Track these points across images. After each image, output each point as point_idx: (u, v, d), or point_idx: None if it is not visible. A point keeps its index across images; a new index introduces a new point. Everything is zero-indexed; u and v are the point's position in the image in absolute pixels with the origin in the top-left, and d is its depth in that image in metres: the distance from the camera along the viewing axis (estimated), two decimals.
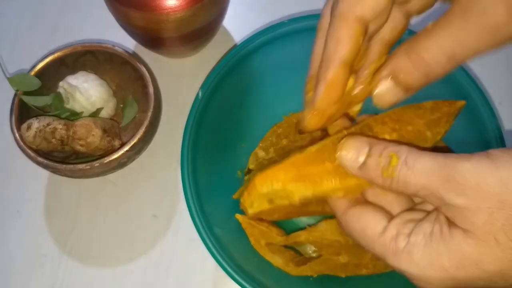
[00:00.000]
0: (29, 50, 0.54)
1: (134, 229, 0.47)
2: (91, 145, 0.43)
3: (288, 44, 0.44)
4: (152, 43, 0.49)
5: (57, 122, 0.43)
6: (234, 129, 0.44)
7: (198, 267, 0.45)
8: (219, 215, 0.39)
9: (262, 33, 0.43)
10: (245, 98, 0.44)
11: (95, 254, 0.46)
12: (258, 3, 0.56)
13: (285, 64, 0.45)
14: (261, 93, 0.45)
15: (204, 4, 0.43)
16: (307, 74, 0.29)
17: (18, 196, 0.48)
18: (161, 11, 0.42)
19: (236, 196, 0.42)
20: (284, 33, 0.43)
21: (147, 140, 0.44)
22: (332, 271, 0.38)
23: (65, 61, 0.47)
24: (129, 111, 0.47)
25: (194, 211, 0.38)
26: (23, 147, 0.42)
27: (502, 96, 0.50)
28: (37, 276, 0.45)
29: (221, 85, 0.42)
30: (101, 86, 0.46)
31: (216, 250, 0.37)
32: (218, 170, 0.42)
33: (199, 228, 0.37)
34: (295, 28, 0.43)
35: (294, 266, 0.39)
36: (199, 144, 0.40)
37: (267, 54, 0.44)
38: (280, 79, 0.45)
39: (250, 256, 0.39)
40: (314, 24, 0.42)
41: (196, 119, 0.40)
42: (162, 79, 0.48)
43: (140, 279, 0.45)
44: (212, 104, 0.42)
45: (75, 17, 0.56)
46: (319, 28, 0.28)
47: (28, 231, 0.47)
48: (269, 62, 0.44)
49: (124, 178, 0.48)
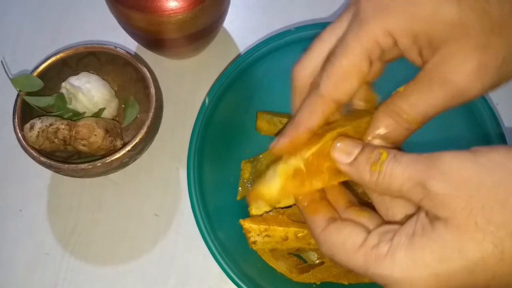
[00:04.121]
0: (32, 51, 0.55)
1: (135, 228, 0.47)
2: (93, 145, 0.43)
3: (294, 52, 0.44)
4: (154, 45, 0.49)
5: (60, 122, 0.43)
6: (239, 134, 0.45)
7: (199, 265, 0.45)
8: (224, 220, 0.40)
9: (269, 41, 0.44)
10: (251, 104, 0.45)
11: (97, 252, 0.46)
12: (259, 5, 0.57)
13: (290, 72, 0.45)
14: (267, 100, 0.45)
15: (205, 6, 0.43)
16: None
17: (20, 195, 0.49)
18: (163, 13, 0.42)
19: (239, 198, 0.43)
20: (290, 41, 0.44)
21: (149, 140, 0.45)
22: (335, 279, 0.38)
23: (68, 62, 0.47)
24: (130, 112, 0.48)
25: (199, 216, 0.38)
26: (26, 147, 0.42)
27: (499, 97, 0.50)
28: (40, 274, 0.46)
29: (228, 91, 0.43)
30: (103, 86, 0.47)
31: (220, 255, 0.37)
32: (223, 175, 0.43)
33: (204, 233, 0.38)
34: (301, 36, 0.44)
35: (298, 272, 0.39)
36: (205, 149, 0.41)
37: (273, 61, 0.44)
38: (286, 87, 0.45)
39: (254, 261, 0.40)
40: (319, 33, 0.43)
41: (203, 124, 0.41)
42: (163, 80, 0.48)
43: (141, 277, 0.45)
44: (219, 110, 0.42)
45: (78, 18, 0.57)
46: (294, 87, 0.32)
47: (31, 230, 0.47)
48: (275, 69, 0.45)
49: (125, 178, 0.49)
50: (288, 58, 0.44)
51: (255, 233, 0.35)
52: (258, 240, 0.35)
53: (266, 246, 0.36)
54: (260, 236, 0.35)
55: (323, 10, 0.55)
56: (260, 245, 0.36)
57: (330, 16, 0.54)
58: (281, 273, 0.40)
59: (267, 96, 0.45)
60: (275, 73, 0.45)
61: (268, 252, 0.40)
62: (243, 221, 0.35)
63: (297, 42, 0.44)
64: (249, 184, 0.43)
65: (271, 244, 0.36)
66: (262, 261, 0.40)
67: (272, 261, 0.40)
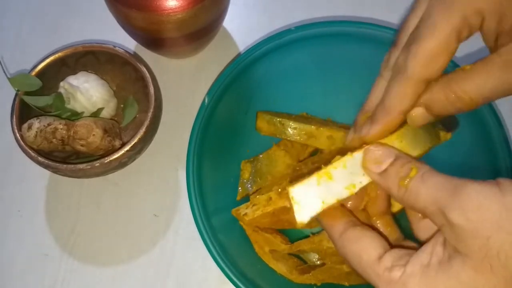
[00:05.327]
0: (30, 50, 0.54)
1: (134, 228, 0.47)
2: (92, 145, 0.43)
3: (294, 51, 0.44)
4: (153, 44, 0.49)
5: (58, 122, 0.43)
6: (239, 134, 0.44)
7: (198, 266, 0.45)
8: (223, 220, 0.39)
9: (269, 40, 0.44)
10: (251, 104, 0.45)
11: (96, 253, 0.46)
12: (259, 4, 0.56)
13: (291, 71, 0.45)
14: (267, 99, 0.45)
15: (204, 5, 0.43)
16: (362, 104, 0.33)
17: (19, 196, 0.49)
18: (162, 12, 0.42)
19: (239, 198, 0.43)
20: (290, 40, 0.44)
21: (148, 140, 0.45)
22: (335, 280, 0.38)
23: (66, 61, 0.47)
24: (129, 111, 0.48)
25: (198, 216, 0.38)
26: (24, 147, 0.42)
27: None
28: (39, 275, 0.45)
29: (228, 91, 0.42)
30: (102, 86, 0.47)
31: (219, 256, 0.37)
32: (223, 176, 0.42)
33: (203, 234, 0.38)
34: (301, 35, 0.44)
35: (298, 274, 0.39)
36: (204, 149, 0.41)
37: (273, 61, 0.44)
38: (286, 86, 0.46)
39: (253, 263, 0.40)
40: (319, 32, 0.44)
41: (202, 124, 0.41)
42: (162, 80, 0.48)
43: (140, 278, 0.45)
44: (218, 110, 0.42)
45: (76, 17, 0.57)
46: (383, 67, 0.31)
47: (29, 230, 0.47)
48: (275, 68, 0.44)
49: (124, 178, 0.48)
50: (288, 58, 0.45)
51: (243, 208, 0.37)
52: (247, 212, 0.36)
53: (256, 214, 0.36)
54: (248, 209, 0.37)
55: (323, 10, 0.55)
56: (251, 215, 0.36)
57: (330, 15, 0.54)
58: (281, 274, 0.40)
59: (267, 95, 0.45)
60: (275, 72, 0.45)
61: (268, 253, 0.40)
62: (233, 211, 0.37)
63: (297, 42, 0.44)
64: (249, 184, 0.43)
65: (260, 210, 0.36)
66: (262, 262, 0.40)
67: (272, 262, 0.40)
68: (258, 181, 0.43)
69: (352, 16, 0.54)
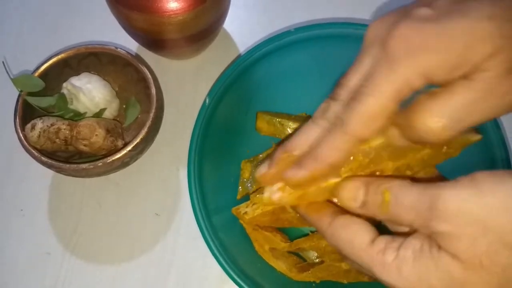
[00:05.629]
0: (33, 51, 0.55)
1: (136, 227, 0.47)
2: (95, 145, 0.43)
3: (294, 52, 0.45)
4: (154, 45, 0.50)
5: (61, 123, 0.43)
6: (239, 134, 0.45)
7: (200, 265, 0.45)
8: (224, 219, 0.40)
9: (269, 42, 0.44)
10: (251, 104, 0.45)
11: (98, 252, 0.46)
12: (259, 6, 0.57)
13: (290, 72, 0.45)
14: (267, 100, 0.46)
15: (205, 6, 0.44)
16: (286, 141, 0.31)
17: (22, 195, 0.49)
18: (163, 14, 0.43)
19: (239, 197, 0.43)
20: (290, 42, 0.44)
21: (150, 140, 0.45)
22: (334, 277, 0.39)
23: (69, 62, 0.47)
24: (131, 112, 0.48)
25: (199, 216, 0.38)
26: (27, 147, 0.42)
27: None
28: (41, 274, 0.46)
29: (228, 91, 0.43)
30: (104, 87, 0.47)
31: (220, 254, 0.37)
32: (223, 175, 0.43)
33: (204, 233, 0.38)
34: (301, 37, 0.44)
35: (297, 271, 0.39)
36: (205, 149, 0.41)
37: (273, 62, 0.44)
38: (286, 86, 0.46)
39: (254, 261, 0.40)
40: (319, 33, 0.44)
41: (203, 124, 0.41)
42: (164, 81, 0.48)
43: (142, 276, 0.45)
44: (219, 110, 0.42)
45: (78, 19, 0.57)
46: (319, 116, 0.30)
47: (32, 229, 0.48)
48: (275, 69, 0.45)
49: (126, 178, 0.49)
50: (288, 59, 0.45)
51: (244, 207, 0.37)
52: (247, 211, 0.37)
53: (256, 212, 0.36)
54: (248, 207, 0.37)
55: (323, 11, 0.55)
56: (251, 214, 0.36)
57: (330, 16, 0.55)
58: (280, 272, 0.40)
59: (267, 96, 0.46)
60: (275, 73, 0.45)
61: (268, 251, 0.40)
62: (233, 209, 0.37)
63: (297, 43, 0.44)
64: (249, 183, 0.43)
65: (260, 209, 0.36)
66: (262, 261, 0.40)
67: (272, 260, 0.40)
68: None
69: (352, 18, 0.54)
